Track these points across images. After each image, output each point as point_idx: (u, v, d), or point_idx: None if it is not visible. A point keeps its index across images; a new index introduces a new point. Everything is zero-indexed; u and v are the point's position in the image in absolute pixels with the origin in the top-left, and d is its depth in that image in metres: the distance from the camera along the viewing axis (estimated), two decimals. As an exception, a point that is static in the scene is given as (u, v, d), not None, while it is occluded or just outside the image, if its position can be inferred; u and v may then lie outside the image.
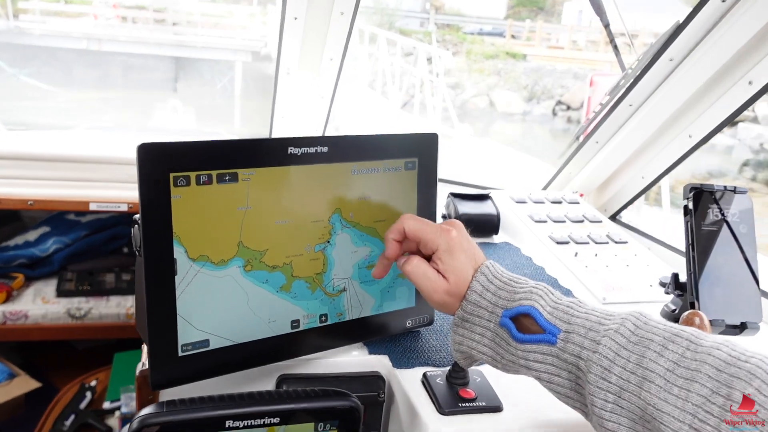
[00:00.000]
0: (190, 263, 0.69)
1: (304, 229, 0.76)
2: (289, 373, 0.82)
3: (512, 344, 0.65)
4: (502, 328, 0.66)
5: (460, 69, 15.24)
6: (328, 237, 0.79)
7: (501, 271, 0.71)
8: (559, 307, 0.65)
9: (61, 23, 12.09)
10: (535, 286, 0.68)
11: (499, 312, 0.67)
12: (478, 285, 0.69)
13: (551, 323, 0.64)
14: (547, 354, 0.63)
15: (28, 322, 1.93)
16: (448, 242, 0.70)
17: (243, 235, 0.72)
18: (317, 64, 1.38)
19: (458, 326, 0.70)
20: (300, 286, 0.77)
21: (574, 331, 0.62)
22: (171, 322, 0.69)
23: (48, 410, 1.87)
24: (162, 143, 0.66)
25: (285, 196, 0.74)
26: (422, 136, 0.85)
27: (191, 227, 0.69)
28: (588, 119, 1.51)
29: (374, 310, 0.84)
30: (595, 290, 1.14)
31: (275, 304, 0.76)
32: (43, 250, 2.10)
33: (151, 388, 0.70)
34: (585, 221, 1.42)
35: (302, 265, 0.77)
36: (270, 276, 0.75)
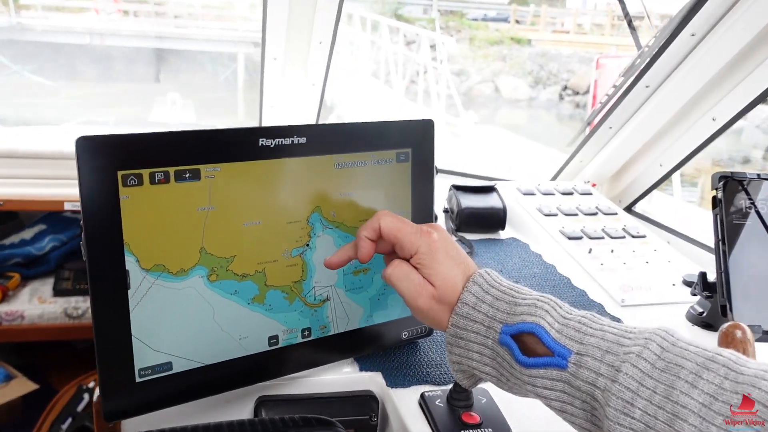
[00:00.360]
0: (144, 274, 0.60)
1: (278, 231, 0.67)
2: (269, 394, 0.73)
3: (516, 367, 0.55)
4: (503, 347, 0.56)
5: (465, 56, 15.06)
6: (307, 240, 0.69)
7: (498, 279, 0.60)
8: (569, 323, 0.54)
9: (64, 18, 12.04)
10: (540, 298, 0.57)
11: (498, 327, 0.56)
12: (470, 296, 0.59)
13: (560, 344, 0.53)
14: (557, 380, 0.53)
15: (24, 322, 1.87)
16: (429, 245, 0.61)
17: (206, 239, 0.62)
18: (306, 48, 1.28)
19: (453, 345, 0.60)
20: (275, 296, 0.68)
21: (587, 353, 0.52)
22: (125, 343, 0.60)
23: (45, 413, 1.83)
24: (108, 136, 0.57)
25: (256, 195, 0.65)
26: (416, 124, 0.74)
27: (144, 233, 0.59)
28: (600, 103, 1.40)
29: (363, 321, 0.75)
30: (613, 291, 1.04)
31: (247, 319, 0.66)
32: (39, 249, 2.04)
33: (104, 419, 0.60)
34: (599, 214, 1.32)
35: (277, 272, 0.67)
36: (239, 286, 0.65)
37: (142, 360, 0.61)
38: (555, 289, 1.04)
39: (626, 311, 0.99)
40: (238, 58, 11.52)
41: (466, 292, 0.59)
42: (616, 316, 0.97)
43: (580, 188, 1.43)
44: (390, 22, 8.68)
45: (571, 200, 1.37)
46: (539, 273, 1.10)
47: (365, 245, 0.64)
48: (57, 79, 10.82)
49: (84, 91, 10.53)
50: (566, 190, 1.42)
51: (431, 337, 0.83)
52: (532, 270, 1.11)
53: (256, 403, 0.72)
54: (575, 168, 1.58)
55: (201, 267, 0.62)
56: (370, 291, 0.75)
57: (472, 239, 1.22)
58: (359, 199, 0.72)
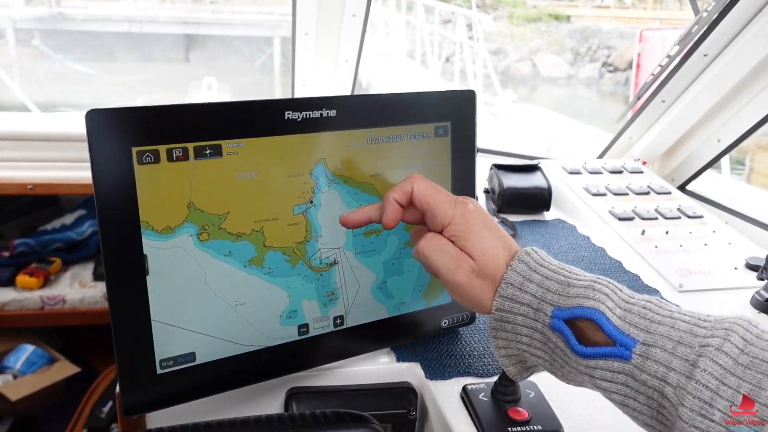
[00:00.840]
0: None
1: (277, 185, 0.60)
2: (300, 386, 0.68)
3: (571, 356, 0.49)
4: (555, 332, 0.50)
5: (502, 34, 14.79)
6: (311, 195, 0.62)
7: (546, 258, 0.53)
8: (633, 309, 0.48)
9: (102, 7, 12.21)
10: (597, 279, 0.50)
11: (548, 310, 0.50)
12: (515, 275, 0.52)
13: (623, 332, 0.47)
14: (619, 372, 0.47)
15: (65, 306, 1.90)
16: (464, 215, 0.54)
17: (194, 193, 0.56)
18: (338, 22, 1.22)
19: (498, 329, 0.53)
20: (276, 259, 0.61)
21: (656, 344, 0.45)
22: (144, 332, 0.56)
23: (87, 395, 1.87)
24: (121, 108, 0.52)
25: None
26: (456, 95, 0.68)
27: (162, 213, 0.55)
28: (652, 75, 1.31)
29: (376, 287, 0.68)
30: (669, 275, 0.97)
31: (244, 283, 0.60)
32: (80, 234, 2.08)
33: (124, 413, 0.57)
34: (651, 193, 1.24)
35: (278, 232, 0.60)
36: (234, 247, 0.59)
37: (163, 350, 0.57)
38: (606, 273, 0.98)
39: (684, 297, 0.92)
40: (274, 43, 11.53)
41: (510, 271, 0.52)
42: (674, 302, 0.89)
43: (630, 166, 1.35)
44: (425, 1, 8.53)
45: (620, 179, 1.30)
46: (588, 256, 1.04)
47: (393, 209, 0.56)
48: (97, 67, 11.01)
49: (123, 78, 10.71)
50: (615, 168, 1.34)
51: (473, 325, 0.78)
52: (580, 253, 1.05)
53: (287, 395, 0.68)
54: (624, 145, 1.49)
55: (189, 224, 0.57)
56: (384, 254, 0.68)
57: (515, 221, 1.16)
58: (394, 176, 0.66)
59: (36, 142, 1.42)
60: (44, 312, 1.88)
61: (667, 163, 1.45)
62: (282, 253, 0.61)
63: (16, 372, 1.84)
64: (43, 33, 11.68)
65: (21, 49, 11.32)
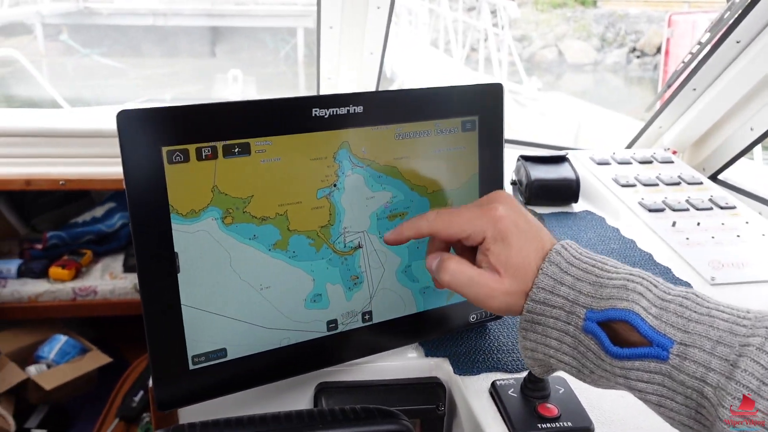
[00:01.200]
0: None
1: (301, 169, 0.60)
2: (329, 381, 0.69)
3: (605, 358, 0.48)
4: (588, 335, 0.48)
5: (527, 20, 14.61)
6: (335, 179, 0.61)
7: (578, 254, 0.51)
8: (669, 306, 0.46)
9: (128, 1, 12.33)
10: (631, 276, 0.49)
11: (581, 313, 0.49)
12: (547, 279, 0.50)
13: (659, 332, 0.45)
14: (655, 372, 0.46)
15: (97, 297, 1.94)
16: (496, 226, 0.52)
17: (218, 177, 0.56)
18: (363, 14, 1.22)
19: (527, 330, 0.52)
20: (300, 242, 0.61)
21: (693, 344, 0.44)
22: (177, 328, 0.57)
23: (118, 385, 1.91)
24: (151, 108, 0.53)
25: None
26: (483, 88, 0.68)
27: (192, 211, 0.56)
28: (683, 62, 1.29)
29: (401, 270, 0.68)
30: (701, 268, 0.95)
31: (268, 266, 0.60)
32: (110, 226, 2.12)
33: (158, 408, 0.58)
34: (682, 183, 1.22)
35: (301, 215, 0.60)
36: (258, 230, 0.59)
37: (195, 346, 0.58)
38: (635, 266, 0.93)
39: (717, 290, 0.90)
40: (297, 33, 11.55)
41: (541, 275, 0.51)
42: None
43: (660, 156, 1.33)
44: (449, -11, 8.47)
45: (650, 169, 1.27)
46: (617, 248, 1.02)
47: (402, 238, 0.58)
48: (124, 61, 11.14)
49: (149, 71, 10.83)
50: (645, 158, 1.32)
51: (502, 320, 0.77)
52: (609, 245, 1.03)
53: (316, 390, 0.68)
54: (654, 134, 1.46)
55: (214, 208, 0.57)
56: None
57: (543, 213, 1.14)
58: (420, 170, 0.66)
59: (67, 139, 1.44)
60: (76, 303, 1.92)
61: (699, 152, 1.42)
62: (306, 237, 0.61)
63: (50, 362, 1.88)
64: (71, 28, 11.85)
65: (49, 44, 11.50)
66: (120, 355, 2.06)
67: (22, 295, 1.87)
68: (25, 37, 11.17)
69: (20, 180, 1.46)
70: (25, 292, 1.88)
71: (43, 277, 1.93)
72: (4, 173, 1.46)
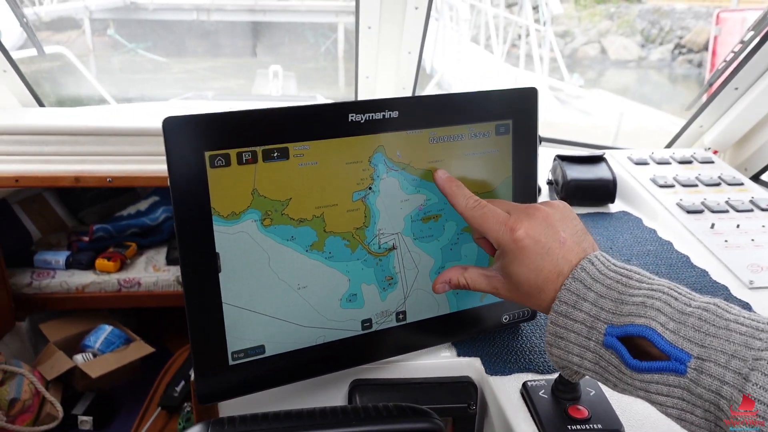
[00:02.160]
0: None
1: (337, 172, 0.62)
2: (363, 378, 0.71)
3: (625, 371, 0.49)
4: (608, 349, 0.50)
5: (569, 15, 14.39)
6: (370, 182, 0.63)
7: (606, 268, 0.53)
8: (688, 321, 0.47)
9: (172, -4, 12.55)
10: (651, 292, 0.49)
11: (602, 328, 0.50)
12: (569, 295, 0.52)
13: (677, 347, 0.46)
14: (674, 386, 0.46)
15: (140, 289, 1.98)
16: (514, 244, 0.55)
17: (258, 181, 0.58)
18: (401, 14, 1.23)
19: (551, 345, 0.55)
20: (336, 243, 0.63)
21: (709, 358, 0.45)
22: (218, 326, 0.59)
23: (161, 375, 1.95)
24: (194, 115, 0.55)
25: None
26: (517, 93, 0.68)
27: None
28: (725, 62, 1.26)
29: (434, 271, 0.69)
30: (739, 271, 0.94)
31: (305, 267, 0.62)
32: (154, 219, 2.16)
33: (198, 401, 0.60)
34: (722, 184, 1.20)
35: (337, 217, 0.62)
36: (296, 232, 0.61)
37: (235, 343, 0.61)
38: (672, 268, 0.96)
39: (755, 294, 0.89)
40: (338, 28, 11.60)
41: (564, 291, 0.52)
42: (744, 300, 0.87)
43: (700, 156, 1.31)
44: (490, -16, 8.41)
45: (689, 170, 1.26)
46: (653, 250, 1.02)
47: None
48: (168, 56, 11.35)
49: (193, 66, 11.01)
50: (684, 158, 1.30)
51: (534, 320, 0.78)
52: (645, 247, 1.03)
53: (351, 386, 0.70)
54: (694, 134, 1.44)
55: (253, 210, 0.59)
56: (442, 240, 0.68)
57: (579, 213, 1.14)
58: (454, 173, 0.67)
59: (115, 137, 1.49)
60: (121, 294, 1.97)
61: (740, 152, 1.39)
62: (342, 238, 0.63)
63: (95, 351, 1.93)
64: (117, 23, 12.12)
65: (96, 38, 11.78)
66: (162, 345, 2.11)
67: (70, 286, 1.92)
68: (73, 32, 11.48)
69: (70, 177, 1.51)
70: (72, 283, 1.93)
71: (89, 269, 1.98)
72: (55, 170, 1.51)
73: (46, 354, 1.91)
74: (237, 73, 10.32)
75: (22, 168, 1.52)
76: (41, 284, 1.91)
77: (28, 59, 1.99)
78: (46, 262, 1.96)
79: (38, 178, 1.52)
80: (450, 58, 7.75)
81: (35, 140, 1.52)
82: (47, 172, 1.52)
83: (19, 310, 1.91)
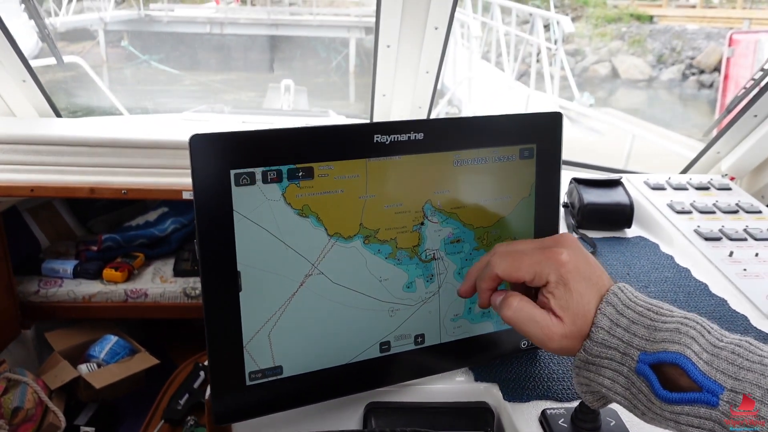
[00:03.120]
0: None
1: (403, 214, 0.67)
2: (379, 401, 0.69)
3: (655, 401, 0.48)
4: (639, 377, 0.49)
5: (580, 34, 14.45)
6: (422, 220, 0.68)
7: (634, 297, 0.52)
8: (721, 353, 0.46)
9: (187, 10, 12.68)
10: (684, 320, 0.49)
11: (635, 354, 0.49)
12: (605, 320, 0.51)
13: (710, 378, 0.45)
14: (706, 418, 0.45)
15: (147, 300, 1.96)
16: (559, 271, 0.53)
17: (364, 218, 0.64)
18: (420, 34, 1.23)
19: (581, 368, 0.53)
20: (403, 254, 0.68)
21: (744, 391, 0.44)
22: (236, 347, 0.59)
23: (165, 387, 1.92)
24: (221, 133, 0.55)
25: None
26: (542, 117, 0.68)
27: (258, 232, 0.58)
28: (745, 88, 1.26)
29: (455, 273, 0.71)
30: (758, 301, 0.92)
31: (386, 268, 0.67)
32: (162, 230, 2.15)
33: (214, 421, 0.59)
34: (740, 212, 1.19)
35: (404, 239, 0.67)
36: (381, 247, 0.66)
37: (253, 363, 0.60)
38: (690, 296, 0.95)
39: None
40: (349, 44, 11.68)
41: (600, 315, 0.51)
42: (764, 330, 0.86)
43: (717, 182, 1.30)
44: (502, 2, 8.43)
45: (707, 196, 1.25)
46: (671, 277, 1.00)
47: (485, 296, 0.59)
48: (181, 68, 11.45)
49: (205, 78, 11.09)
50: (701, 184, 1.29)
51: (552, 347, 0.77)
52: (662, 274, 1.01)
53: (366, 410, 0.69)
54: (711, 160, 1.43)
55: (359, 236, 0.63)
56: (464, 252, 0.71)
57: (595, 237, 1.13)
58: (477, 199, 0.67)
59: (130, 149, 1.49)
60: (128, 305, 1.95)
61: (758, 179, 1.38)
62: (405, 251, 0.68)
63: (100, 361, 1.92)
64: (131, 34, 12.25)
65: (110, 49, 11.90)
66: (167, 357, 2.09)
67: (77, 295, 1.92)
68: (87, 43, 11.59)
69: (85, 188, 1.52)
70: (79, 292, 1.92)
71: (97, 278, 1.97)
72: (70, 181, 1.52)
73: (51, 363, 1.90)
74: (248, 87, 10.39)
75: (38, 178, 1.53)
76: (48, 293, 1.90)
77: (42, 69, 2.00)
78: (53, 270, 1.95)
79: (53, 189, 1.53)
80: (461, 75, 7.77)
81: (52, 150, 1.53)
82: (63, 182, 1.52)
83: (25, 318, 1.90)
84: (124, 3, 12.61)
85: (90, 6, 11.55)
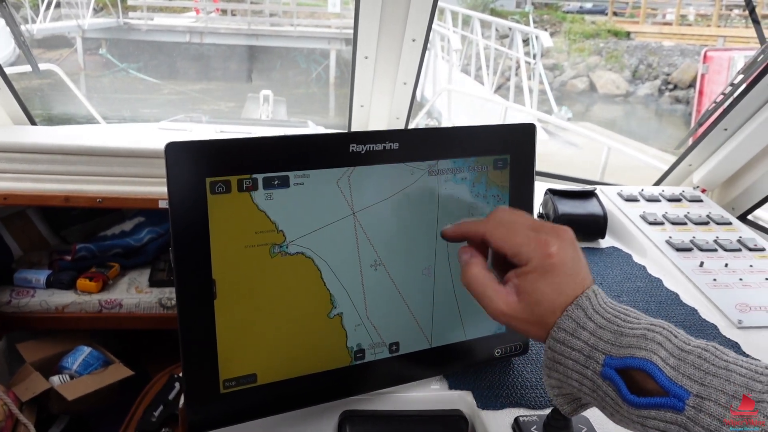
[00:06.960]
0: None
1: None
2: (354, 409, 0.69)
3: (622, 405, 0.48)
4: (606, 381, 0.49)
5: (559, 50, 14.64)
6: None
7: (604, 302, 0.52)
8: (688, 358, 0.47)
9: (166, 19, 12.62)
10: (652, 326, 0.49)
11: (600, 358, 0.49)
12: (569, 322, 0.51)
13: (676, 383, 0.46)
14: (671, 422, 0.46)
15: (122, 311, 1.94)
16: (543, 260, 0.52)
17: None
18: (398, 46, 1.24)
19: (550, 368, 0.53)
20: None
21: (709, 397, 0.44)
22: (210, 354, 0.58)
23: (139, 399, 1.89)
24: (196, 141, 0.55)
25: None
26: (516, 128, 0.69)
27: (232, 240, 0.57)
28: (715, 102, 1.29)
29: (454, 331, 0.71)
30: (727, 310, 0.94)
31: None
32: (138, 240, 2.12)
33: (189, 430, 0.59)
34: (711, 223, 1.21)
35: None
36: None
37: (228, 371, 0.60)
38: (661, 306, 0.96)
39: (744, 334, 0.89)
40: (330, 55, 11.71)
41: (565, 317, 0.51)
42: (733, 339, 0.88)
43: (689, 194, 1.33)
44: (482, 16, 8.53)
45: (679, 207, 1.27)
46: (643, 287, 1.02)
47: (457, 239, 0.59)
48: (159, 77, 11.37)
49: (183, 88, 11.02)
50: (673, 195, 1.31)
51: (527, 355, 0.77)
52: (635, 283, 1.03)
53: (341, 418, 0.69)
54: (683, 172, 1.46)
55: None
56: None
57: (569, 247, 1.14)
58: (453, 208, 0.67)
59: (105, 158, 1.48)
60: (102, 315, 1.93)
61: (728, 191, 1.41)
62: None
63: (73, 372, 1.88)
64: (110, 42, 12.15)
65: (87, 57, 11.79)
66: (142, 368, 2.06)
67: (49, 306, 1.89)
68: (65, 50, 11.48)
69: (60, 196, 1.50)
70: (52, 302, 1.89)
71: (70, 289, 1.94)
72: (44, 189, 1.50)
73: (22, 375, 1.86)
74: (228, 97, 10.36)
75: (12, 186, 1.51)
76: (20, 303, 1.87)
77: (18, 75, 1.98)
78: (26, 280, 1.92)
79: (27, 197, 1.51)
80: (440, 88, 7.83)
81: (26, 158, 1.51)
82: (37, 190, 1.50)
83: (-4, 329, 1.87)
84: (103, 11, 12.52)
85: (68, 13, 11.45)
